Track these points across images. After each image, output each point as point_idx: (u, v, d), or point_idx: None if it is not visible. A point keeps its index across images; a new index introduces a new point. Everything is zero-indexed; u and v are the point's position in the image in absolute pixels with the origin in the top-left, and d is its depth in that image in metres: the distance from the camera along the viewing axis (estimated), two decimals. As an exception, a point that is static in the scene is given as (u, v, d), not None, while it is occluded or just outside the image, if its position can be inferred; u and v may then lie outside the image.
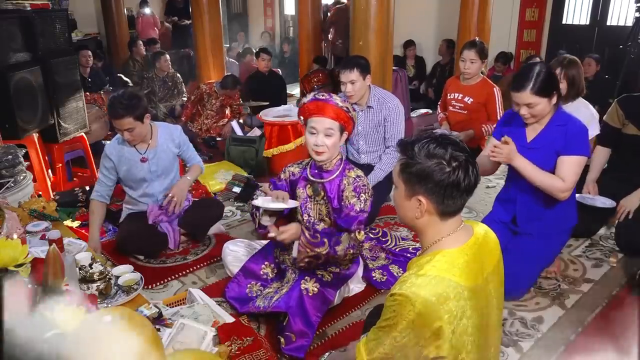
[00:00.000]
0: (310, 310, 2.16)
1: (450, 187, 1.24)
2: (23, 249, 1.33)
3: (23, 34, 3.21)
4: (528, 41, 6.54)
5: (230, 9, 10.85)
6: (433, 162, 1.24)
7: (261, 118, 4.55)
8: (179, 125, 3.10)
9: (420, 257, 1.32)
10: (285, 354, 2.10)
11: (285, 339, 2.09)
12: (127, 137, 2.76)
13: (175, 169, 3.05)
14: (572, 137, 2.28)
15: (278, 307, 2.17)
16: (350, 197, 2.23)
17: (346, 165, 2.32)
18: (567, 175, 2.27)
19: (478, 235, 1.35)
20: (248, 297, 2.39)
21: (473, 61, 3.53)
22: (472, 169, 1.26)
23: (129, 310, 1.21)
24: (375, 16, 4.45)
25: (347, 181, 2.26)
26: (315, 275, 2.29)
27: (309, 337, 2.13)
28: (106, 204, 2.93)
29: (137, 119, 2.70)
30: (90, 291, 1.79)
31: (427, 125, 5.16)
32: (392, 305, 1.22)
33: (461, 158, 1.24)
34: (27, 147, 3.20)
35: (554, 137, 2.31)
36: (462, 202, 1.29)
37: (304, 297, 2.16)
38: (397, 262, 2.64)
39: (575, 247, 3.02)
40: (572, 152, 2.28)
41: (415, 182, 1.28)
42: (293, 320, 2.11)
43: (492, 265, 1.35)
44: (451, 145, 1.26)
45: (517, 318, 2.38)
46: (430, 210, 1.29)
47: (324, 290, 2.25)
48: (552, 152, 2.32)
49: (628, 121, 2.83)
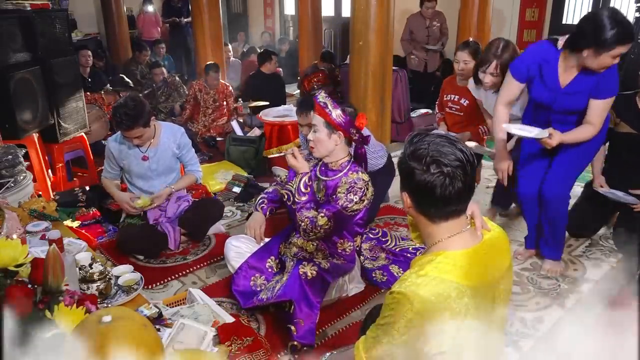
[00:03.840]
0: (311, 294, 2.20)
1: (424, 191, 1.21)
2: (23, 249, 1.33)
3: (23, 34, 3.21)
4: (528, 41, 6.53)
5: (230, 9, 10.85)
6: (414, 163, 1.22)
7: (261, 118, 4.55)
8: (182, 127, 3.12)
9: (423, 256, 1.31)
10: (296, 342, 2.11)
11: (295, 327, 2.12)
12: (137, 142, 2.83)
13: (177, 168, 3.07)
14: (605, 81, 2.34)
15: (282, 296, 2.20)
16: (340, 192, 2.28)
17: (353, 169, 2.34)
18: (597, 119, 2.39)
19: (488, 241, 1.31)
20: (252, 291, 2.42)
21: (467, 62, 3.51)
22: (456, 181, 1.19)
23: (129, 310, 1.21)
24: (375, 16, 4.45)
25: (345, 180, 2.31)
26: (312, 261, 2.34)
27: (313, 319, 2.16)
28: (117, 180, 3.07)
29: (145, 125, 2.77)
30: (90, 291, 1.79)
31: (427, 125, 5.17)
32: (391, 303, 1.22)
33: (447, 167, 1.18)
34: (27, 147, 3.20)
35: (590, 81, 2.35)
36: (447, 210, 1.24)
37: (303, 281, 2.20)
38: (397, 262, 2.64)
39: (575, 247, 3.02)
40: (603, 96, 2.36)
41: (402, 178, 1.29)
42: (298, 306, 2.14)
43: (503, 269, 1.32)
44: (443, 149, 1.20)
45: (517, 318, 2.37)
46: (415, 210, 1.29)
47: (322, 273, 2.28)
48: (585, 96, 2.38)
49: (619, 119, 2.84)
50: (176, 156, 3.03)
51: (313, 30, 6.79)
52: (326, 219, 2.25)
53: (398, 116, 5.20)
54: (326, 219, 2.25)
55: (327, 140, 2.29)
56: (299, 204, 2.32)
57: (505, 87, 2.58)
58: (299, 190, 2.34)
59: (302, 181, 2.34)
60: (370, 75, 4.62)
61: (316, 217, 2.26)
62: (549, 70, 2.40)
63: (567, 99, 2.40)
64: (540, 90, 2.45)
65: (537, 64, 2.43)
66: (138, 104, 2.74)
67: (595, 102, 2.37)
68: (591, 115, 2.39)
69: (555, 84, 2.40)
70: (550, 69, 2.40)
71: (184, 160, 3.08)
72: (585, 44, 2.20)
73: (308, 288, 2.19)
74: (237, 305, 2.46)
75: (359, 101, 4.67)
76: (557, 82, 2.40)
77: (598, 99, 2.36)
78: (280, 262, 2.53)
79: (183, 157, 3.07)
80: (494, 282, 1.28)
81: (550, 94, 2.42)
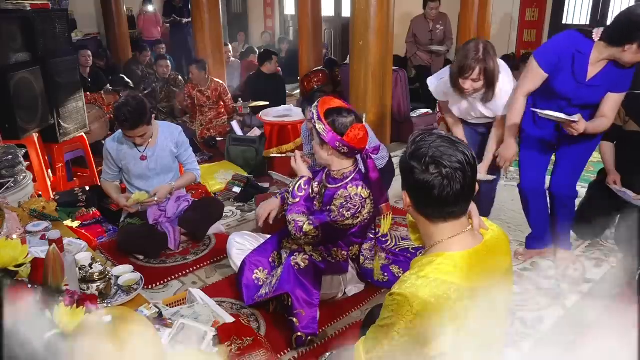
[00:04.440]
0: (307, 282, 2.22)
1: (422, 191, 1.20)
2: (23, 249, 1.33)
3: (23, 34, 3.21)
4: (528, 41, 6.53)
5: (230, 9, 10.86)
6: (414, 162, 1.21)
7: (261, 118, 4.55)
8: (179, 126, 3.12)
9: (423, 257, 1.30)
10: (300, 333, 2.14)
11: (297, 318, 2.14)
12: (140, 142, 2.83)
13: (176, 168, 3.07)
14: (625, 75, 2.36)
15: (279, 290, 2.23)
16: (335, 204, 2.25)
17: (354, 181, 2.28)
18: (612, 112, 2.43)
19: (488, 243, 1.30)
20: (254, 285, 2.45)
21: None
22: (454, 183, 1.17)
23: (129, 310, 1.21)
24: (375, 16, 4.45)
25: (342, 193, 2.26)
26: (303, 251, 2.36)
27: (315, 306, 2.19)
28: (117, 181, 3.08)
29: (148, 123, 2.78)
30: (90, 291, 1.79)
31: (427, 125, 5.16)
32: (391, 305, 1.21)
33: (446, 168, 1.17)
34: (27, 147, 3.20)
35: (611, 75, 2.36)
36: (445, 211, 1.23)
37: (297, 272, 2.23)
38: (397, 262, 2.64)
39: (575, 247, 3.01)
40: (619, 90, 2.39)
41: (402, 176, 1.29)
42: (295, 297, 2.16)
43: (503, 270, 1.31)
44: (444, 150, 1.19)
45: (517, 318, 2.37)
46: (414, 210, 1.29)
47: (314, 262, 2.31)
48: (603, 90, 2.40)
49: (629, 118, 2.85)
50: (174, 155, 3.03)
51: (313, 30, 6.77)
52: (312, 227, 2.24)
53: (398, 116, 5.20)
54: (312, 228, 2.24)
55: (320, 150, 2.28)
56: (290, 205, 2.35)
57: (529, 78, 2.49)
58: (293, 192, 2.37)
59: (298, 184, 2.36)
60: (370, 75, 4.62)
61: (304, 222, 2.27)
62: (581, 61, 2.37)
63: (588, 92, 2.41)
64: (566, 82, 2.42)
65: (570, 54, 2.38)
66: (140, 102, 2.76)
67: (613, 95, 2.39)
68: (606, 108, 2.41)
69: (582, 76, 2.39)
70: (583, 60, 2.37)
71: (182, 159, 3.08)
72: (631, 38, 2.18)
73: (303, 277, 2.23)
74: (237, 305, 2.47)
75: (359, 101, 4.67)
76: (585, 74, 2.39)
77: (615, 93, 2.38)
78: (281, 257, 2.54)
79: (181, 156, 3.06)
80: (494, 283, 1.28)
81: (575, 85, 2.41)
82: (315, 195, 2.43)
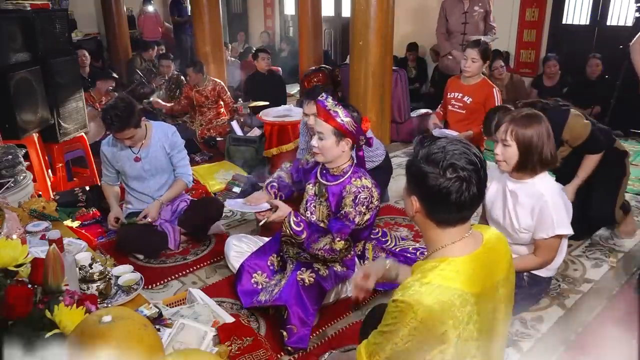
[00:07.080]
0: (308, 300, 2.18)
1: (438, 196, 1.19)
2: (23, 249, 1.33)
3: (23, 34, 3.20)
4: (528, 41, 6.52)
5: (230, 9, 10.85)
6: (429, 167, 1.20)
7: (261, 118, 4.54)
8: (173, 126, 3.09)
9: (425, 262, 1.29)
10: (289, 347, 2.12)
11: (287, 332, 2.12)
12: (129, 143, 2.83)
13: (171, 169, 3.04)
14: None
15: (278, 300, 2.20)
16: (348, 205, 2.22)
17: (355, 174, 2.29)
18: None
19: (488, 244, 1.30)
20: (252, 289, 2.42)
21: (474, 60, 3.53)
22: (471, 186, 1.18)
23: (129, 310, 1.21)
24: (375, 16, 4.45)
25: (349, 189, 2.24)
26: (311, 267, 2.30)
27: (308, 326, 2.16)
28: (116, 186, 3.09)
29: (136, 126, 2.77)
30: (90, 291, 1.79)
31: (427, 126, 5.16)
32: (394, 311, 1.20)
33: (463, 171, 1.17)
34: (27, 147, 3.20)
35: None
36: (459, 216, 1.23)
37: (300, 288, 2.19)
38: (397, 262, 2.64)
39: (575, 247, 3.02)
40: None
41: (412, 181, 1.27)
42: (292, 312, 2.14)
43: (504, 271, 1.31)
44: (459, 153, 1.18)
45: (517, 318, 2.37)
46: (425, 215, 1.27)
47: (320, 280, 2.26)
48: None
49: None
50: (168, 156, 3.01)
51: (313, 30, 6.77)
52: (343, 242, 2.20)
53: (398, 116, 5.20)
54: (343, 242, 2.20)
55: (334, 147, 2.23)
56: (303, 243, 2.24)
57: None
58: (295, 232, 2.23)
59: (291, 223, 2.23)
60: (370, 75, 4.62)
61: (329, 243, 2.20)
62: None
63: None
64: None
65: None
66: (128, 104, 2.74)
67: None
68: None
69: None
70: None
71: (173, 160, 3.00)
72: None
73: (305, 294, 2.18)
74: (237, 305, 2.46)
75: (359, 101, 4.67)
76: None
77: None
78: (282, 260, 2.52)
79: (173, 158, 3.00)
80: (496, 285, 1.27)
81: None
82: (316, 196, 2.41)
